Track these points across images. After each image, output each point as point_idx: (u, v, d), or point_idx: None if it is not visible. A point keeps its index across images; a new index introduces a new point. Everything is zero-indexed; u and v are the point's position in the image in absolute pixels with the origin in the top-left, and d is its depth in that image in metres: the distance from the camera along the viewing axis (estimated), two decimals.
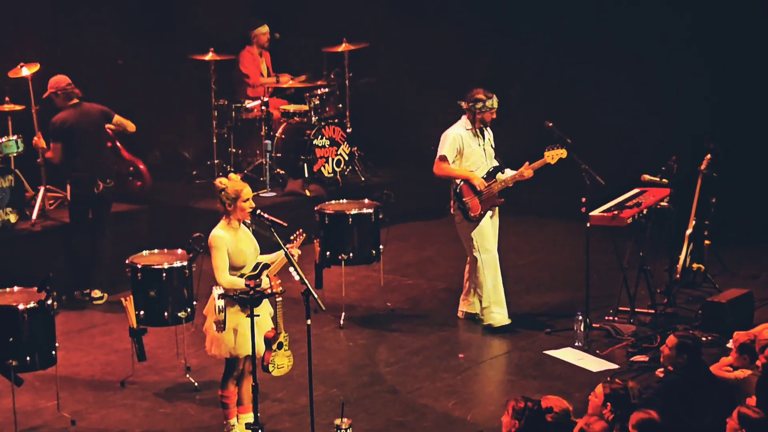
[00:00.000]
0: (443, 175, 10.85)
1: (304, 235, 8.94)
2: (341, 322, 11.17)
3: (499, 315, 10.89)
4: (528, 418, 7.32)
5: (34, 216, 12.05)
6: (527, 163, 10.78)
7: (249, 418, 8.68)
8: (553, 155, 10.79)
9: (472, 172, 10.77)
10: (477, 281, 10.95)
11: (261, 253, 8.78)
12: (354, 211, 11.26)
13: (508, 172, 10.88)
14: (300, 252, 8.71)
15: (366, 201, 11.61)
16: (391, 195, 11.82)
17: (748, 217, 13.29)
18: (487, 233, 10.88)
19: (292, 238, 8.83)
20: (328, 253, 11.20)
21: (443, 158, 10.77)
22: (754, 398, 8.12)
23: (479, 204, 10.76)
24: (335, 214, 11.25)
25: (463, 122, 10.85)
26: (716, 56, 14.05)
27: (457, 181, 10.78)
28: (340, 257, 11.17)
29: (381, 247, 11.42)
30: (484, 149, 10.85)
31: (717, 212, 11.93)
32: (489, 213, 10.86)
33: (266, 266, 8.64)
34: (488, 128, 10.89)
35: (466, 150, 10.77)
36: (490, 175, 10.82)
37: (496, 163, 10.89)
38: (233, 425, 8.79)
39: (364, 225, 11.28)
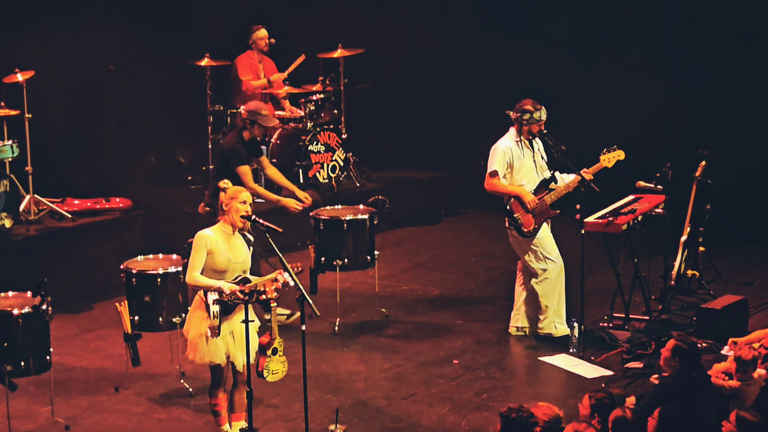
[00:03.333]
0: (494, 191, 10.66)
1: (300, 269, 8.85)
2: (336, 328, 11.16)
3: (561, 326, 10.78)
4: (507, 427, 7.32)
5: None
6: (584, 169, 10.56)
7: (242, 425, 8.67)
8: (610, 158, 10.64)
9: (523, 188, 10.59)
10: (539, 291, 10.71)
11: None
12: (349, 217, 11.26)
13: (563, 180, 10.67)
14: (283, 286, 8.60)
15: (361, 207, 11.60)
16: (385, 201, 11.79)
17: (743, 223, 13.29)
18: (549, 243, 10.71)
19: (289, 266, 8.75)
20: (322, 258, 11.20)
21: (494, 174, 10.58)
22: None
23: (532, 219, 10.60)
24: (330, 220, 11.25)
25: (512, 134, 10.65)
26: (712, 61, 14.06)
27: (508, 197, 10.62)
28: (334, 263, 11.17)
29: (376, 253, 11.41)
30: (534, 160, 10.67)
31: (711, 219, 11.94)
32: (544, 225, 10.70)
33: (248, 280, 8.60)
34: (537, 139, 10.69)
35: (516, 163, 10.60)
36: (541, 187, 10.66)
37: (547, 174, 10.71)
38: (226, 431, 8.79)
39: (358, 231, 11.27)
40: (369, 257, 11.36)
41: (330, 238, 11.22)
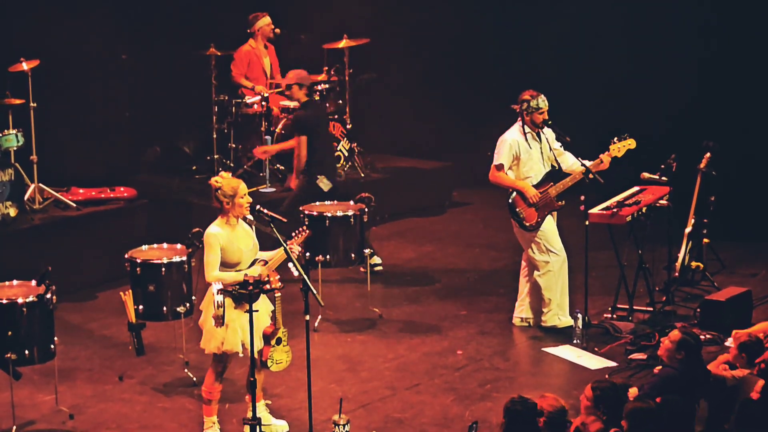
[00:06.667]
0: (497, 183, 10.65)
1: (309, 231, 8.94)
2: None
3: (564, 318, 10.78)
4: (513, 418, 7.32)
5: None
6: (596, 160, 10.50)
7: (261, 406, 8.80)
8: (620, 147, 10.57)
9: (526, 182, 10.56)
10: (542, 284, 10.70)
11: (261, 250, 8.79)
12: (329, 214, 11.12)
13: (577, 163, 10.56)
14: (301, 249, 8.75)
15: (351, 203, 11.48)
16: (371, 199, 11.63)
17: (747, 215, 13.28)
18: (552, 235, 10.67)
19: (294, 234, 8.84)
20: (307, 254, 11.12)
21: (499, 167, 10.55)
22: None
23: (535, 212, 10.57)
24: (314, 216, 11.12)
25: (518, 126, 10.61)
26: (714, 55, 14.05)
27: (511, 191, 10.63)
28: (317, 259, 11.11)
29: (366, 251, 11.34)
30: (542, 152, 10.63)
31: (716, 210, 11.93)
32: (549, 218, 10.67)
33: (264, 262, 8.63)
34: (544, 130, 10.61)
35: (522, 155, 10.55)
36: (546, 179, 10.61)
37: (555, 166, 10.67)
38: (212, 423, 8.80)
39: (343, 228, 11.13)
40: (355, 255, 11.24)
41: (314, 234, 11.09)
